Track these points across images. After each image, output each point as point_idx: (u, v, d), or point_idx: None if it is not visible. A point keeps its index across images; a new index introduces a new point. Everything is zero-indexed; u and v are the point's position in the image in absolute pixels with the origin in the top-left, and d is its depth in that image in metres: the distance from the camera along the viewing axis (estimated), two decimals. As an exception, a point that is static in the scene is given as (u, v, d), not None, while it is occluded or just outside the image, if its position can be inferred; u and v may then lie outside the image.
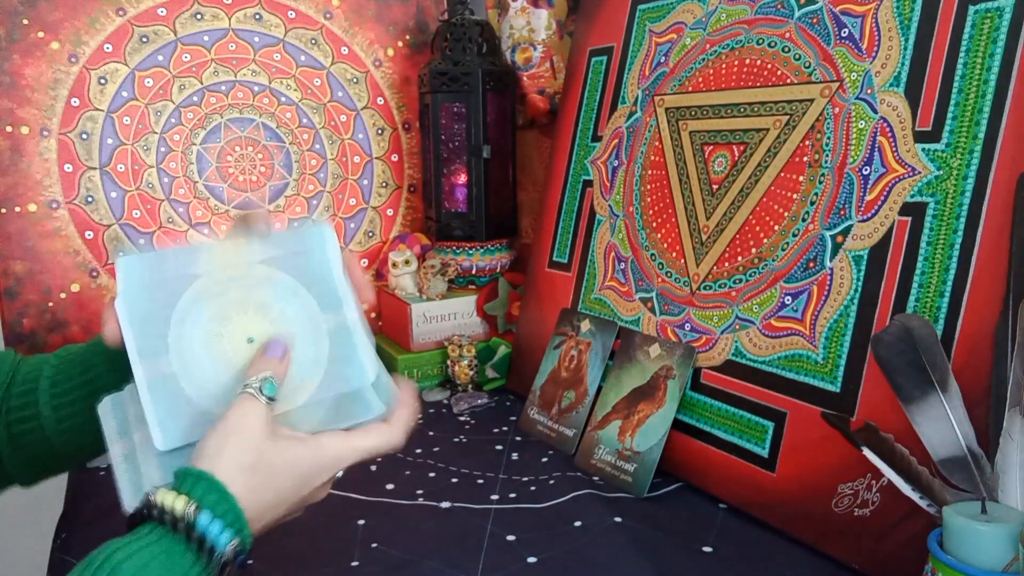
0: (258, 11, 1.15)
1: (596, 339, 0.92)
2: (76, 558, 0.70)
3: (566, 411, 0.91)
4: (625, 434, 0.84)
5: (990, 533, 0.48)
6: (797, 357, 0.73)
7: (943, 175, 0.65)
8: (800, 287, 0.75)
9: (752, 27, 0.84)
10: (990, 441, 0.55)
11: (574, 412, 0.90)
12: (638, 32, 1.00)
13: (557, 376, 0.95)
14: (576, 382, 0.92)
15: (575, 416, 0.90)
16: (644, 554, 0.69)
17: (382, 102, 1.24)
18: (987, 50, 0.64)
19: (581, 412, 0.90)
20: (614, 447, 0.84)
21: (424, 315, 1.14)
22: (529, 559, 0.68)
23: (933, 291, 0.64)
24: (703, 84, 0.88)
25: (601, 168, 1.01)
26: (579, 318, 0.95)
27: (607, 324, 0.92)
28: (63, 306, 1.04)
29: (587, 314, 0.94)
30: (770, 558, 0.68)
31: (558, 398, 0.93)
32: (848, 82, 0.74)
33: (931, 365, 0.59)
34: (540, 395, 0.95)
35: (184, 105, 1.11)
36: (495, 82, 1.16)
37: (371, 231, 1.24)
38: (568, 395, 0.92)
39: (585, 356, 0.92)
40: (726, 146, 0.84)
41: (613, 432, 0.85)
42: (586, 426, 0.89)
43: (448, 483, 0.84)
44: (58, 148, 1.03)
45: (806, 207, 0.75)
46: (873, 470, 0.63)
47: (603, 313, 0.95)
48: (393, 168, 1.26)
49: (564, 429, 0.91)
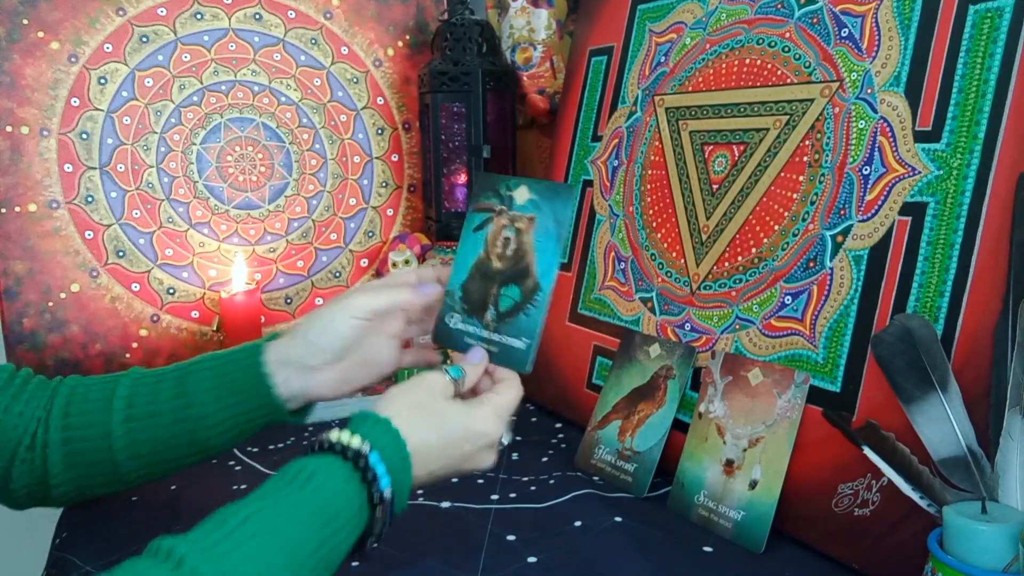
0: (258, 11, 1.15)
1: (543, 211, 0.66)
2: (76, 557, 0.71)
3: (508, 314, 0.66)
4: (625, 434, 0.84)
5: (990, 533, 0.48)
6: (797, 357, 0.73)
7: (943, 175, 0.65)
8: (800, 287, 0.75)
9: (752, 27, 0.84)
10: (990, 441, 0.55)
11: (522, 314, 0.65)
12: (638, 32, 1.00)
13: (485, 268, 0.68)
14: (519, 275, 0.66)
15: (524, 320, 0.65)
16: (644, 554, 0.69)
17: (382, 102, 1.24)
18: (987, 50, 0.64)
19: (533, 313, 0.65)
20: (614, 447, 0.84)
21: (424, 315, 1.14)
22: (529, 559, 0.68)
23: (933, 291, 0.64)
24: (703, 84, 0.88)
25: (601, 168, 1.01)
26: (509, 184, 0.69)
27: (559, 189, 0.68)
28: (63, 306, 1.04)
29: (522, 179, 0.69)
30: (770, 558, 0.68)
31: (491, 297, 0.67)
32: (848, 82, 0.74)
33: (931, 365, 0.59)
34: (463, 296, 0.69)
35: (184, 105, 1.11)
36: (495, 82, 1.16)
37: (371, 231, 1.24)
38: (508, 292, 0.66)
39: (527, 238, 0.66)
40: (726, 146, 0.84)
41: (613, 432, 0.85)
42: (587, 426, 0.88)
43: (448, 483, 0.84)
44: (58, 148, 1.03)
45: (806, 207, 0.75)
46: (873, 470, 0.63)
47: (603, 314, 0.95)
48: (393, 168, 1.26)
49: (509, 340, 0.65)
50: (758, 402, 0.74)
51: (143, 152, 1.08)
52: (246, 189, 1.15)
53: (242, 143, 1.14)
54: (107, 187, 1.06)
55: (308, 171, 1.19)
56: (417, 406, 0.58)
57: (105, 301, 1.06)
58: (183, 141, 1.11)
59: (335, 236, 1.21)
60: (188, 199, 1.11)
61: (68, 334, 1.04)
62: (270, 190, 1.16)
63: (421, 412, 0.57)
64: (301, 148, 1.18)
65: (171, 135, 1.10)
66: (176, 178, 1.10)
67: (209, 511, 0.79)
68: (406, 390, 0.59)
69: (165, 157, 1.10)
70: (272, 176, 1.16)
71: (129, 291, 1.08)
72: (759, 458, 0.72)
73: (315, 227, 1.20)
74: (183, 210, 1.11)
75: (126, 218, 1.08)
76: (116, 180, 1.07)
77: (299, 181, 1.18)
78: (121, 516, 0.77)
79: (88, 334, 1.05)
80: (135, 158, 1.08)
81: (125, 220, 1.07)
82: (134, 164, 1.08)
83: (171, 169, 1.10)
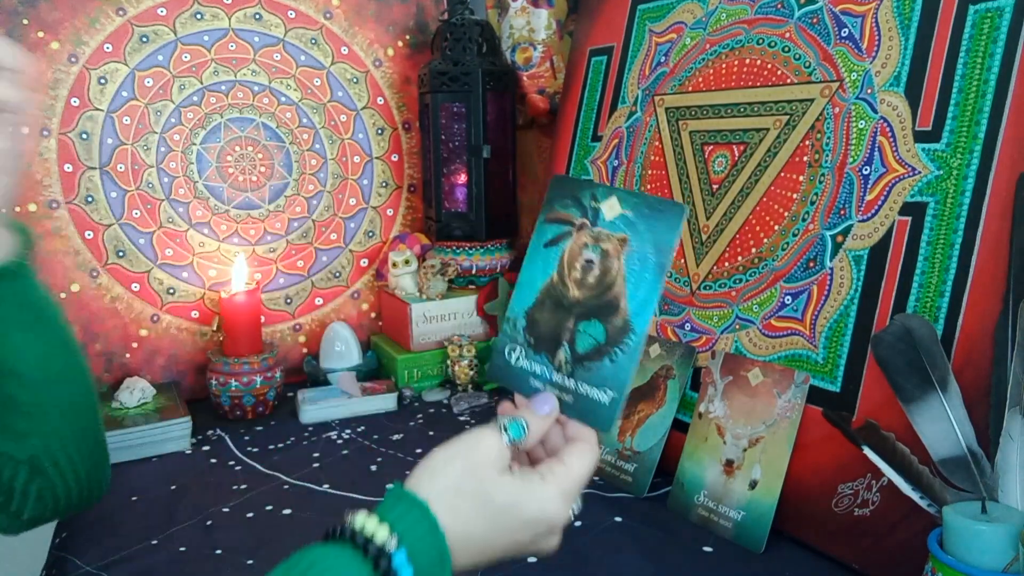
0: (258, 11, 1.15)
1: (639, 232, 0.52)
2: (75, 557, 0.71)
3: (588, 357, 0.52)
4: (625, 434, 0.84)
5: (990, 533, 0.48)
6: (797, 357, 0.73)
7: (943, 175, 0.65)
8: (800, 287, 0.75)
9: (752, 27, 0.84)
10: (990, 441, 0.55)
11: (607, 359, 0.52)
12: (638, 32, 1.00)
13: (559, 295, 0.54)
14: (603, 309, 0.53)
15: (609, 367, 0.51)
16: (644, 554, 0.69)
17: (382, 102, 1.24)
18: (987, 50, 0.64)
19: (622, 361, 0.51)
20: (614, 447, 0.84)
21: (424, 315, 1.14)
22: (529, 558, 0.68)
23: (933, 291, 0.64)
24: (703, 84, 0.88)
25: (601, 168, 1.01)
26: (596, 192, 0.54)
27: (663, 206, 0.52)
28: (63, 306, 1.04)
29: (613, 188, 0.54)
30: (770, 558, 0.68)
31: (565, 332, 0.53)
32: (848, 82, 0.74)
33: (931, 365, 0.59)
34: (528, 326, 0.55)
35: (184, 105, 1.11)
36: (495, 82, 1.16)
37: (371, 231, 1.24)
38: (588, 329, 0.53)
39: (616, 264, 0.52)
40: (726, 146, 0.84)
41: (613, 432, 0.85)
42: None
43: (448, 483, 0.84)
44: (58, 148, 1.03)
45: (806, 207, 0.75)
46: (873, 470, 0.63)
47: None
48: (393, 168, 1.26)
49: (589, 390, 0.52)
50: (758, 402, 0.74)
51: (143, 152, 1.08)
52: (246, 189, 1.15)
53: (242, 143, 1.14)
54: (107, 187, 1.06)
55: (308, 171, 1.19)
56: (464, 483, 0.46)
57: (105, 301, 1.06)
58: (183, 141, 1.11)
59: (335, 236, 1.21)
60: (188, 199, 1.11)
61: (68, 334, 1.04)
62: (270, 190, 1.16)
63: (468, 492, 0.46)
64: (301, 148, 1.18)
65: (171, 135, 1.10)
66: (176, 178, 1.10)
67: (209, 511, 0.80)
68: (452, 458, 0.47)
69: (165, 157, 1.10)
70: (272, 176, 1.16)
71: (129, 291, 1.08)
72: (759, 458, 0.72)
73: (315, 227, 1.19)
74: (183, 210, 1.11)
75: (126, 218, 1.07)
76: (116, 180, 1.07)
77: (299, 181, 1.18)
78: (121, 516, 0.77)
79: (88, 334, 1.05)
80: (135, 158, 1.08)
81: (125, 220, 1.07)
82: (134, 164, 1.08)
83: (171, 169, 1.10)
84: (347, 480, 0.85)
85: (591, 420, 0.52)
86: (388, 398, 1.07)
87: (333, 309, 1.22)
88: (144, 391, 1.00)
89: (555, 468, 0.49)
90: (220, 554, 0.71)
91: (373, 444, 0.95)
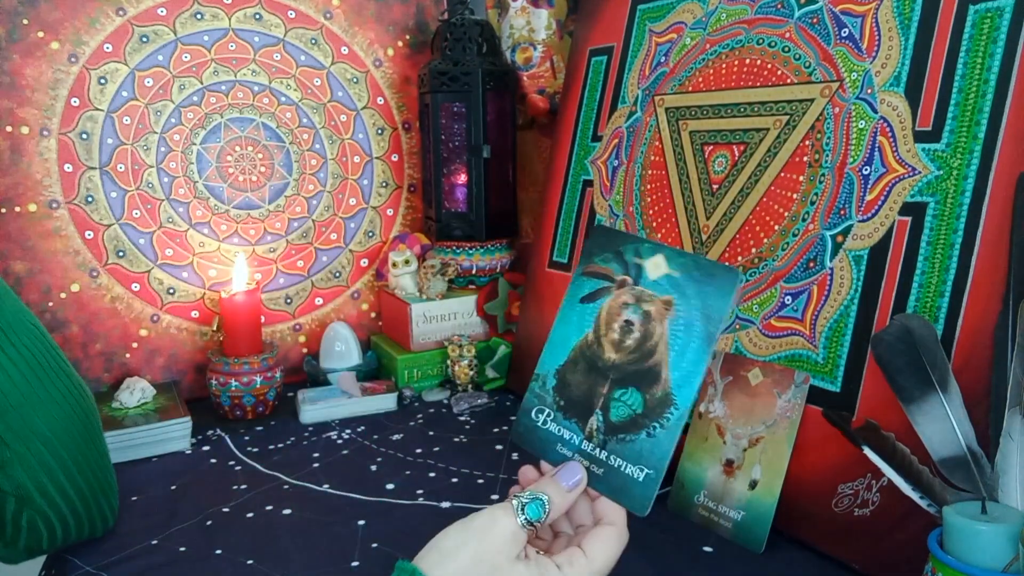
0: (258, 11, 1.15)
1: (687, 296, 0.49)
2: (75, 557, 0.71)
3: (623, 428, 0.49)
4: (625, 434, 0.84)
5: (990, 533, 0.48)
6: (797, 357, 0.73)
7: (943, 175, 0.65)
8: (800, 287, 0.75)
9: (752, 27, 0.84)
10: (990, 441, 0.55)
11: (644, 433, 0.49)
12: (638, 32, 1.00)
13: (594, 356, 0.51)
14: (643, 377, 0.49)
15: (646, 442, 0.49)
16: (644, 554, 0.69)
17: (382, 102, 1.24)
18: (987, 50, 0.64)
19: (662, 437, 0.48)
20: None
21: (424, 315, 1.14)
22: None
23: (933, 291, 0.64)
24: (703, 84, 0.88)
25: (601, 168, 1.01)
26: (640, 249, 0.51)
27: (715, 270, 0.49)
28: (63, 306, 1.04)
29: (659, 245, 0.51)
30: (770, 558, 0.68)
31: (599, 398, 0.50)
32: (848, 82, 0.74)
33: (931, 365, 0.59)
34: (558, 387, 0.52)
35: (184, 105, 1.11)
36: (495, 82, 1.16)
37: (371, 231, 1.24)
38: (625, 397, 0.50)
39: (659, 329, 0.49)
40: (726, 146, 0.84)
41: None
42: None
43: (448, 483, 0.84)
44: (58, 148, 1.03)
45: (806, 207, 0.75)
46: (873, 470, 0.63)
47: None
48: (393, 168, 1.26)
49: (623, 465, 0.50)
50: (758, 402, 0.74)
51: (143, 152, 1.08)
52: (246, 189, 1.15)
53: (242, 143, 1.14)
54: (107, 187, 1.06)
55: (308, 171, 1.19)
56: (473, 571, 0.44)
57: (105, 301, 1.06)
58: (183, 141, 1.11)
59: (335, 236, 1.21)
60: (188, 199, 1.11)
61: (68, 334, 1.04)
62: (270, 190, 1.16)
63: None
64: (301, 148, 1.18)
65: (171, 135, 1.10)
66: (176, 178, 1.10)
67: (209, 511, 0.80)
68: (464, 542, 0.45)
69: (165, 157, 1.10)
70: (272, 176, 1.16)
71: (129, 291, 1.08)
72: (759, 458, 0.72)
73: (315, 227, 1.19)
74: (183, 210, 1.11)
75: (126, 218, 1.07)
76: (116, 180, 1.07)
77: (299, 181, 1.18)
78: (121, 516, 0.77)
79: (88, 334, 1.05)
80: (135, 158, 1.08)
81: (125, 220, 1.07)
82: (134, 164, 1.08)
83: (171, 169, 1.10)
84: (347, 480, 0.85)
85: (622, 498, 0.48)
86: (388, 398, 1.07)
87: (333, 309, 1.22)
88: (144, 391, 1.00)
89: (575, 559, 0.46)
90: (220, 554, 0.71)
91: (373, 444, 0.95)
